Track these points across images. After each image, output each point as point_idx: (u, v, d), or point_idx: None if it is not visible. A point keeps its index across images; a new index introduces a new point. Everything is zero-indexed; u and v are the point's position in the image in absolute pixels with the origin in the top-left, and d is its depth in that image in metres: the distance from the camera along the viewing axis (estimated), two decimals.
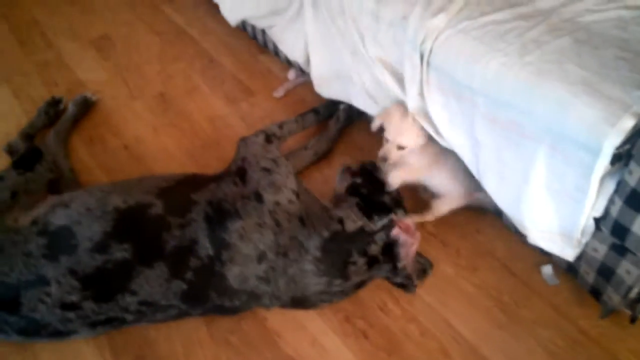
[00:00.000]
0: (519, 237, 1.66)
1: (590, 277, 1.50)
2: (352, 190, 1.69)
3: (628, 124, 1.18)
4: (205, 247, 1.46)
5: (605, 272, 1.44)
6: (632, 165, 1.21)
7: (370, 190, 1.68)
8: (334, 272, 1.50)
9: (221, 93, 2.40)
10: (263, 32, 2.45)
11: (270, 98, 2.35)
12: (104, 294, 1.45)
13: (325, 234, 1.51)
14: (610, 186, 1.29)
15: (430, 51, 1.49)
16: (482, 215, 1.77)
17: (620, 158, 1.23)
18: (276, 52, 2.47)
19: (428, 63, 1.51)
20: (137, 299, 1.45)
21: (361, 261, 1.52)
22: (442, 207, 1.73)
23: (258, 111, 2.30)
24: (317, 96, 2.16)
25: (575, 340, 1.50)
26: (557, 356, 1.47)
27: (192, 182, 1.64)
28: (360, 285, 1.58)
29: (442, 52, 1.48)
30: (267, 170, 1.62)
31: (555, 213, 1.39)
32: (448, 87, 1.49)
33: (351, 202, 1.62)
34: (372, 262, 1.54)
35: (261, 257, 1.47)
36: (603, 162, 1.21)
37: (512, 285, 1.63)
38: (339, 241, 1.52)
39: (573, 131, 1.24)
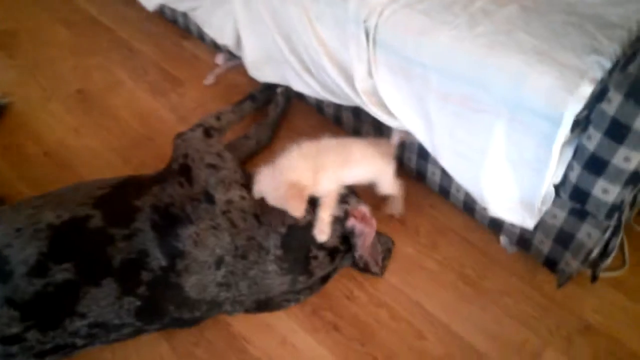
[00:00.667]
0: (468, 213, 1.67)
1: (546, 246, 1.51)
2: None
3: (586, 90, 1.17)
4: (157, 258, 1.35)
5: (564, 239, 1.45)
6: (591, 130, 1.21)
7: None
8: (297, 268, 1.43)
9: (146, 85, 2.24)
10: (184, 15, 2.31)
11: (201, 86, 2.22)
12: (48, 321, 1.31)
13: (282, 229, 1.43)
14: (568, 153, 1.29)
15: (375, 28, 1.43)
16: (434, 191, 1.74)
17: (578, 124, 1.23)
18: (201, 37, 2.34)
19: (374, 41, 1.45)
20: (86, 321, 1.33)
21: (321, 254, 1.46)
22: (392, 185, 1.66)
23: (189, 101, 2.17)
24: (250, 80, 2.06)
25: (541, 305, 1.51)
26: (526, 323, 1.48)
27: (132, 187, 1.50)
28: (326, 279, 1.52)
29: (388, 29, 1.42)
30: (213, 166, 1.51)
31: (515, 184, 1.37)
32: (396, 65, 1.44)
33: None
34: (333, 253, 1.48)
35: (219, 262, 1.37)
36: (564, 130, 1.20)
37: (473, 258, 1.62)
38: (297, 236, 1.44)
39: (531, 102, 1.22)
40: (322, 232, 1.41)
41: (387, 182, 1.64)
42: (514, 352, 1.43)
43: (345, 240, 1.50)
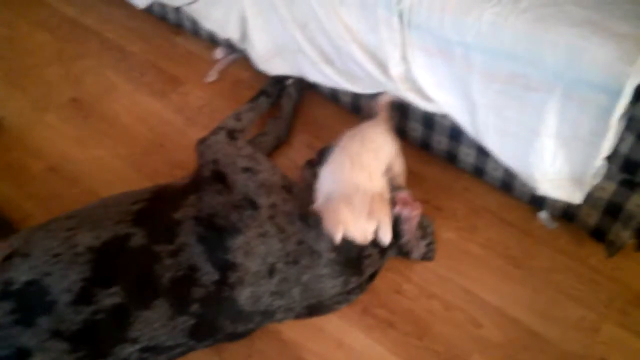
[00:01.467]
0: (505, 191, 1.64)
1: (593, 218, 1.49)
2: None
3: None
4: (208, 273, 1.28)
5: (613, 210, 1.43)
6: None
7: None
8: (349, 270, 1.38)
9: (144, 87, 2.13)
10: (177, 10, 2.20)
11: (203, 84, 2.12)
12: (99, 350, 1.23)
13: None
14: (620, 124, 1.26)
15: (410, 10, 1.37)
16: (464, 173, 1.71)
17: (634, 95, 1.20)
18: (195, 32, 2.23)
19: (408, 23, 1.39)
20: (138, 346, 1.25)
21: (374, 251, 1.41)
22: (401, 160, 1.59)
23: (194, 100, 2.07)
24: (255, 73, 2.00)
25: (591, 279, 1.49)
26: (580, 300, 1.46)
27: (166, 198, 1.42)
28: (374, 275, 1.47)
29: (424, 9, 1.36)
30: (249, 170, 1.44)
31: (566, 160, 1.34)
32: (434, 47, 1.38)
33: None
34: (383, 248, 1.43)
35: (272, 271, 1.31)
36: (623, 102, 1.17)
37: (515, 237, 1.59)
38: None
39: (589, 75, 1.18)
40: (387, 233, 1.32)
41: (397, 159, 1.59)
42: (573, 330, 1.41)
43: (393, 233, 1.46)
